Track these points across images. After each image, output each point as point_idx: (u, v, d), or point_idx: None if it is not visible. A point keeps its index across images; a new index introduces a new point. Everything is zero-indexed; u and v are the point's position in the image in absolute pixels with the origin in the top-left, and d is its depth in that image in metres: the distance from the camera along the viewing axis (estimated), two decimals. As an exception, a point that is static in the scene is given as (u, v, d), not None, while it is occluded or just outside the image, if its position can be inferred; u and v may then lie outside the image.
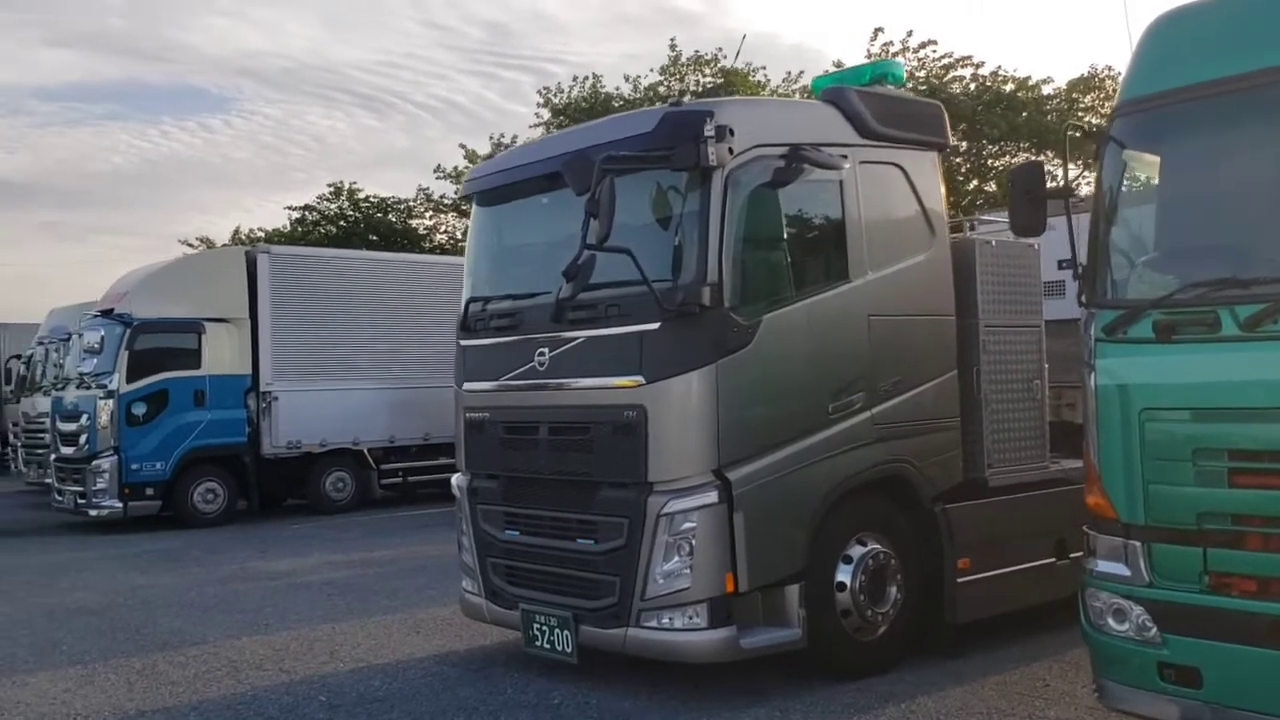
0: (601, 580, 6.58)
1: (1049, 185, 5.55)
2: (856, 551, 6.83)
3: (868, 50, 25.88)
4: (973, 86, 26.71)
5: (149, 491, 16.11)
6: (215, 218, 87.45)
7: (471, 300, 7.66)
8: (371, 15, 68.68)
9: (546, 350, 6.90)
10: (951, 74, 26.78)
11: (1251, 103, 4.76)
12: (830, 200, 6.93)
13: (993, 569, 7.27)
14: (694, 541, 6.24)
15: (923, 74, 24.31)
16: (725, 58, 28.07)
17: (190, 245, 36.39)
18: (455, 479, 7.78)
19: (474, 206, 8.06)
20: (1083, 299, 5.22)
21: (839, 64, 23.07)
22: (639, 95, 28.90)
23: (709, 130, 6.21)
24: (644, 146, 6.38)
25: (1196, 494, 4.65)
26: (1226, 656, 4.55)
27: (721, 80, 28.27)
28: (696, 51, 28.65)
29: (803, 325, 6.69)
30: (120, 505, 15.89)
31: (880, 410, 6.95)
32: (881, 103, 7.30)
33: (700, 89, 27.78)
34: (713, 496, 6.24)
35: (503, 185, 7.51)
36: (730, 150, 6.34)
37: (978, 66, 26.76)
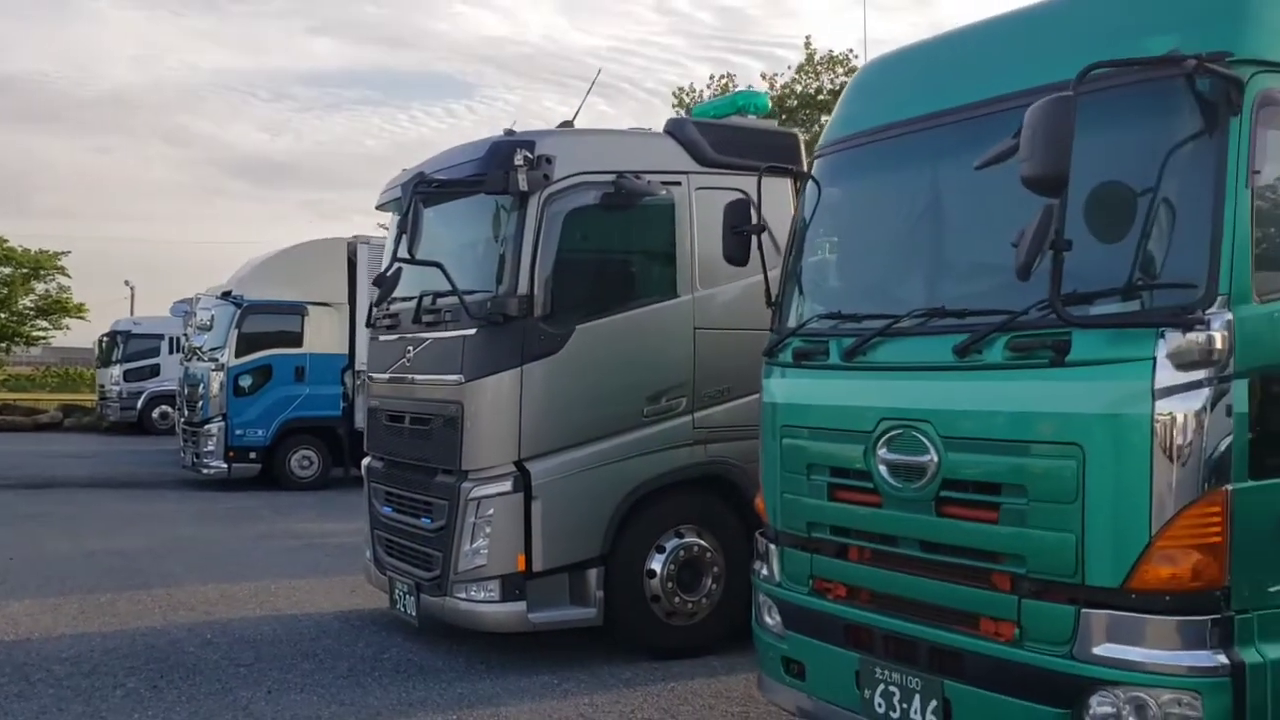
0: (434, 555, 7.47)
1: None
2: (671, 543, 7.46)
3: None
4: None
5: (251, 455, 17.96)
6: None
7: (374, 301, 8.66)
8: (606, 1, 71.34)
9: (412, 348, 7.85)
10: None
11: (895, 150, 5.19)
12: (661, 223, 7.57)
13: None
14: (492, 524, 7.06)
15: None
16: (857, 58, 28.05)
17: None
18: (364, 460, 8.84)
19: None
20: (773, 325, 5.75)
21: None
22: (775, 93, 29.17)
23: (518, 160, 6.97)
24: (470, 172, 7.22)
25: (808, 505, 5.15)
26: (820, 654, 5.05)
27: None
28: (830, 51, 28.78)
29: (621, 336, 7.36)
30: (225, 466, 17.82)
31: (703, 415, 7.54)
32: (722, 133, 7.86)
33: (834, 88, 27.90)
34: (508, 485, 7.03)
35: (395, 199, 8.45)
36: (546, 177, 7.09)
37: None
